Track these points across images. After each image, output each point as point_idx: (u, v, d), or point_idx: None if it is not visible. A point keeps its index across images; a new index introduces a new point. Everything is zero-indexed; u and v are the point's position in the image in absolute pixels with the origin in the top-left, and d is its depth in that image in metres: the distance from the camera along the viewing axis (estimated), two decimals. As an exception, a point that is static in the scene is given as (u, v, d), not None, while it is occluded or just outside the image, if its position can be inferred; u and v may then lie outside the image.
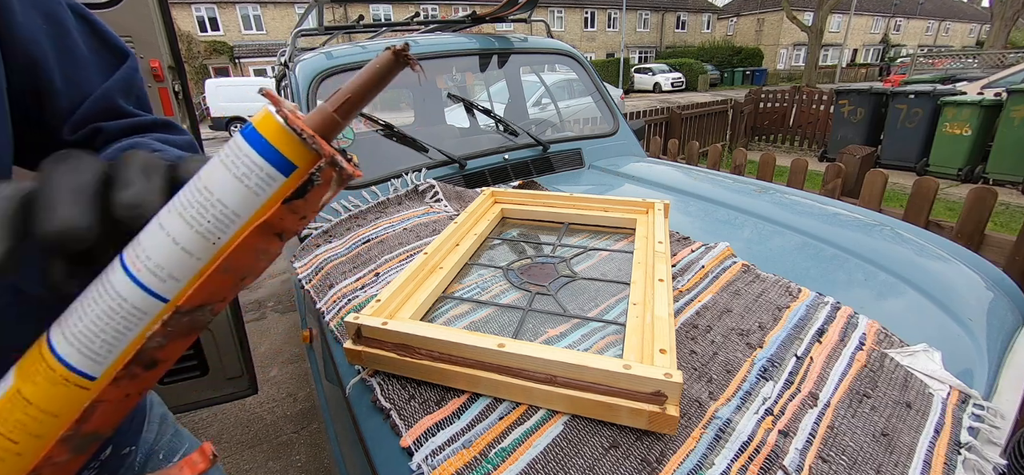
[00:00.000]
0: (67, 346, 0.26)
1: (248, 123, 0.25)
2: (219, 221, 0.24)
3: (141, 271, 0.25)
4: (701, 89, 23.24)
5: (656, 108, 6.08)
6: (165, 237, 0.24)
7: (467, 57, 1.58)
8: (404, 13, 10.18)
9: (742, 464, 0.46)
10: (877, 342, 0.62)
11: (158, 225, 0.25)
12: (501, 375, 0.53)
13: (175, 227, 0.24)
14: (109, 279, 0.26)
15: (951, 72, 10.39)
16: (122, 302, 0.25)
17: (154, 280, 0.25)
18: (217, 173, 0.24)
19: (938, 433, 0.50)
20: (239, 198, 0.24)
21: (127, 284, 0.25)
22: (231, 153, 0.24)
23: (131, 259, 0.25)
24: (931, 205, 2.13)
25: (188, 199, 0.24)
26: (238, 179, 0.24)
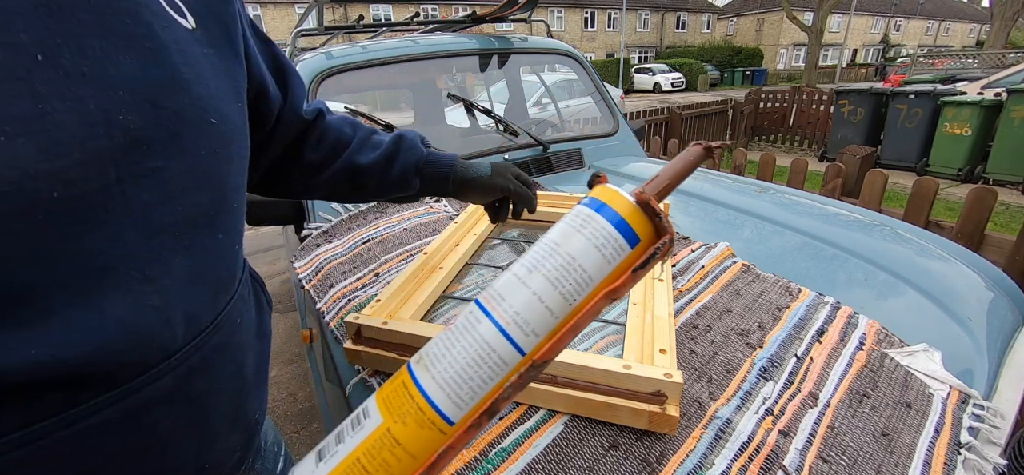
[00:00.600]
0: (437, 389, 0.27)
1: (594, 198, 0.28)
2: (578, 284, 0.26)
3: (510, 325, 0.27)
4: (701, 89, 23.24)
5: (656, 108, 6.08)
6: (532, 295, 0.27)
7: (467, 57, 1.58)
8: (404, 13, 10.17)
9: (742, 464, 0.46)
10: (877, 342, 0.62)
11: (522, 283, 0.27)
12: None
13: (541, 286, 0.27)
14: (477, 330, 0.27)
15: (951, 72, 10.39)
16: (490, 352, 0.27)
17: (520, 334, 0.27)
18: (577, 241, 0.27)
19: (938, 433, 0.50)
20: (595, 265, 0.27)
21: (496, 336, 0.27)
22: (588, 225, 0.27)
23: (499, 313, 0.27)
24: (931, 205, 2.13)
25: (553, 263, 0.27)
26: (597, 248, 0.27)
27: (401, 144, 0.62)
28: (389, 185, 0.62)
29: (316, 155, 0.59)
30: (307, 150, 0.59)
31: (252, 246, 3.90)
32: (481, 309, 0.28)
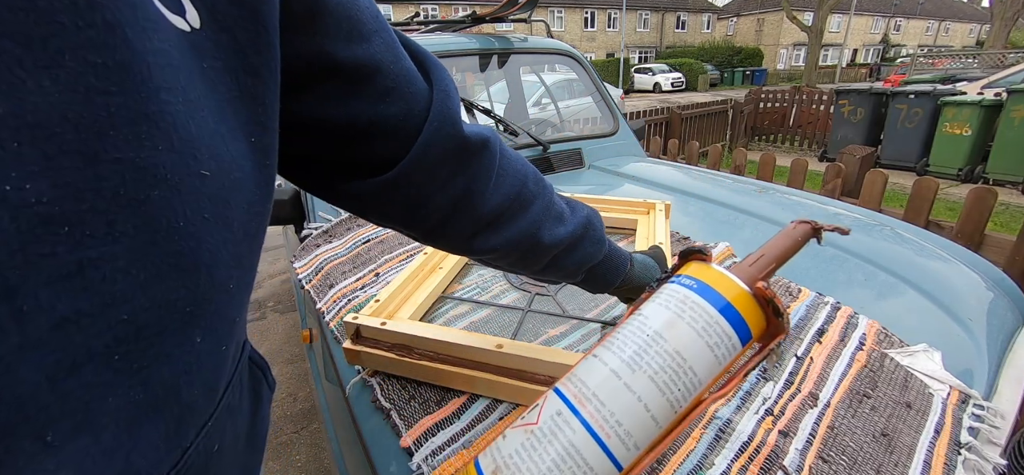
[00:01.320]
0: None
1: (711, 288, 0.24)
2: (687, 389, 0.23)
3: (611, 438, 0.22)
4: (701, 89, 23.24)
5: (656, 108, 6.08)
6: (637, 403, 0.22)
7: (467, 57, 1.58)
8: (404, 13, 10.18)
9: (742, 464, 0.46)
10: (877, 342, 0.62)
11: (623, 384, 0.23)
12: (499, 376, 0.53)
13: (647, 392, 0.22)
14: (565, 434, 0.23)
15: (951, 72, 10.39)
16: (581, 465, 0.22)
17: (620, 447, 0.22)
18: (685, 334, 0.23)
19: (938, 433, 0.50)
20: (707, 367, 0.23)
21: (590, 445, 0.22)
22: (701, 320, 0.23)
23: (595, 419, 0.23)
24: (931, 205, 2.13)
25: (658, 361, 0.23)
26: (710, 348, 0.23)
27: (588, 231, 0.49)
28: (557, 269, 0.49)
29: (494, 203, 0.41)
30: (481, 191, 0.40)
31: (252, 246, 3.90)
32: (570, 408, 0.23)
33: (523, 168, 0.44)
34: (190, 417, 0.25)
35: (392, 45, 0.34)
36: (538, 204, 0.45)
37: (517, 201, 0.43)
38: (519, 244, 0.44)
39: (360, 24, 0.31)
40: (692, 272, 0.26)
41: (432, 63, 0.37)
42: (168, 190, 0.20)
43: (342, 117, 0.32)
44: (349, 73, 0.31)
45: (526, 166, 0.45)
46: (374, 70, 0.32)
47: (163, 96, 0.20)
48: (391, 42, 0.34)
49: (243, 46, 0.24)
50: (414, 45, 0.37)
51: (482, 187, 0.40)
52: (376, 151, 0.35)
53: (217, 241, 0.23)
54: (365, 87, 0.32)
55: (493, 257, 0.45)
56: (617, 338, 0.25)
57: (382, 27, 0.33)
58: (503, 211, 0.42)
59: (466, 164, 0.39)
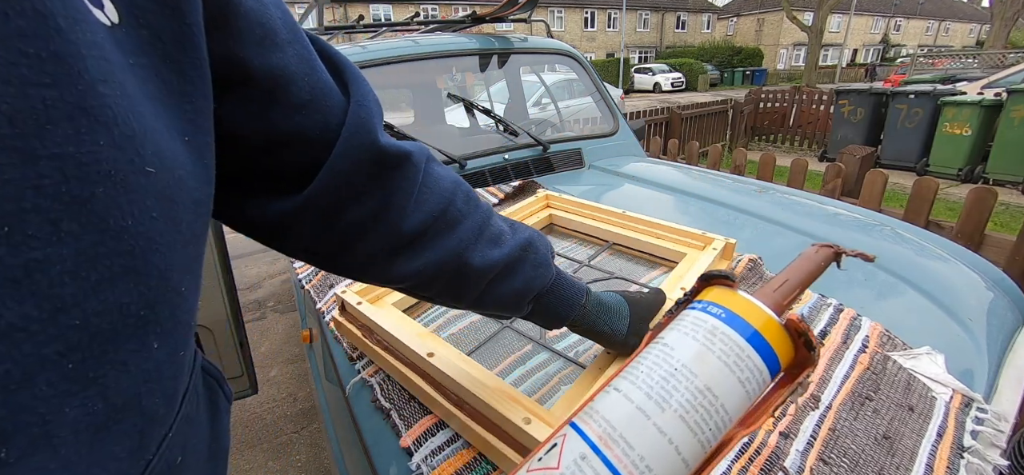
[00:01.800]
0: None
1: (739, 318, 0.22)
2: (718, 427, 0.21)
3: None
4: (701, 89, 23.24)
5: (656, 108, 6.07)
6: (668, 445, 0.20)
7: (467, 57, 1.58)
8: (404, 13, 10.17)
9: (742, 465, 0.46)
10: (880, 345, 0.62)
11: (651, 422, 0.21)
12: (425, 382, 0.54)
13: (678, 434, 0.20)
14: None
15: (951, 72, 10.39)
16: None
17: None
18: (719, 373, 0.21)
19: (940, 437, 0.50)
20: (737, 403, 0.21)
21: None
22: (732, 353, 0.21)
23: (627, 469, 0.20)
24: (931, 205, 2.13)
25: (690, 400, 0.21)
26: (741, 383, 0.21)
27: (528, 254, 0.45)
28: (496, 299, 0.45)
29: (413, 222, 0.39)
30: (399, 206, 0.38)
31: (252, 246, 3.91)
32: (594, 451, 0.21)
33: (452, 186, 0.41)
34: (152, 429, 0.24)
35: (307, 57, 0.33)
36: (467, 224, 0.42)
37: (442, 219, 0.40)
38: (444, 266, 0.40)
39: (273, 32, 0.30)
40: (717, 299, 0.24)
41: (351, 74, 0.36)
42: (113, 187, 0.20)
43: (255, 128, 0.31)
44: (262, 81, 0.30)
45: (458, 184, 0.42)
46: (288, 81, 0.31)
47: (101, 89, 0.19)
48: (306, 54, 0.33)
49: (165, 43, 0.23)
50: (334, 55, 0.36)
51: (401, 202, 0.38)
52: (289, 166, 0.34)
53: (167, 241, 0.23)
54: (279, 97, 0.31)
55: (416, 283, 0.41)
56: (640, 370, 0.23)
57: (297, 38, 0.32)
58: (426, 229, 0.39)
59: (384, 177, 0.37)
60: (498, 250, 0.43)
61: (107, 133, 0.19)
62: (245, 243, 3.96)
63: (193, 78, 0.25)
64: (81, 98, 0.18)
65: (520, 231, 0.47)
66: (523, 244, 0.45)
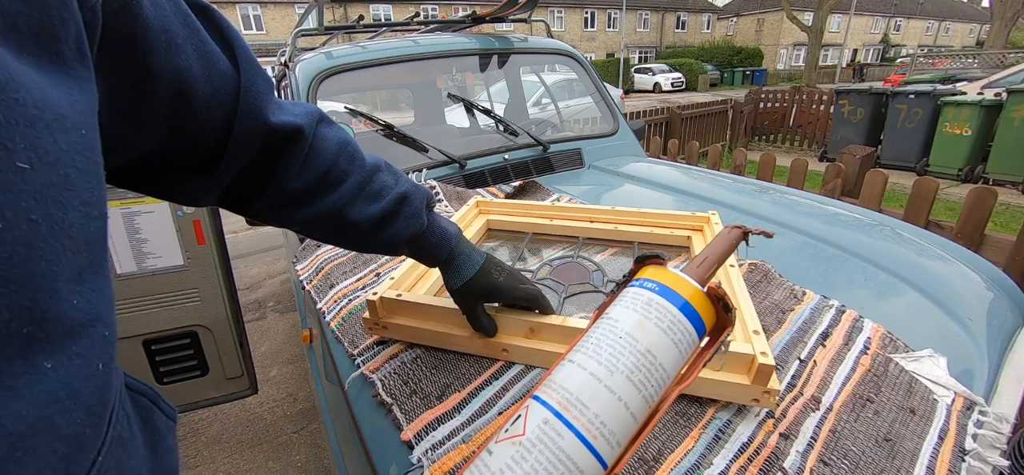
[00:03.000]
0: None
1: (671, 290, 0.26)
2: (659, 384, 0.25)
3: (596, 438, 0.23)
4: (701, 89, 23.24)
5: (656, 108, 6.07)
6: (618, 402, 0.23)
7: (467, 57, 1.58)
8: (404, 13, 10.16)
9: (741, 465, 0.46)
10: (882, 347, 0.62)
11: (603, 386, 0.24)
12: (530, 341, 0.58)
13: (626, 392, 0.24)
14: (558, 445, 0.23)
15: (951, 72, 10.39)
16: (573, 470, 0.23)
17: (606, 447, 0.23)
18: (657, 338, 0.24)
19: (942, 439, 0.50)
20: (673, 361, 0.25)
21: (581, 451, 0.23)
22: (666, 320, 0.25)
23: (582, 424, 0.23)
24: (931, 205, 2.13)
25: (634, 363, 0.24)
26: (675, 344, 0.25)
27: (402, 208, 0.52)
28: (375, 245, 0.53)
29: (297, 184, 0.45)
30: (285, 175, 0.44)
31: (252, 246, 3.91)
32: (556, 415, 0.24)
33: (336, 148, 0.47)
34: (78, 454, 0.22)
35: (204, 49, 0.35)
36: (348, 184, 0.48)
37: (324, 181, 0.47)
38: (325, 220, 0.48)
39: (173, 34, 0.31)
40: (652, 275, 0.27)
41: (239, 47, 0.38)
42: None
43: (168, 129, 0.34)
44: (169, 85, 0.32)
45: (343, 146, 0.48)
46: (193, 80, 0.33)
47: None
48: (203, 46, 0.35)
49: (36, 34, 0.22)
50: (224, 26, 0.38)
51: (287, 172, 0.44)
52: (200, 155, 0.38)
53: (52, 248, 0.20)
54: (187, 98, 0.33)
55: (302, 229, 0.50)
56: (590, 342, 0.25)
57: (192, 31, 0.34)
58: (308, 191, 0.46)
59: (274, 152, 0.43)
60: (375, 205, 0.50)
61: None
62: (245, 243, 3.96)
63: (72, 71, 0.23)
64: None
65: (401, 184, 0.53)
66: (397, 199, 0.51)
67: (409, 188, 0.53)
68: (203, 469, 1.81)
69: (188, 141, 0.36)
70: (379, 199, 0.50)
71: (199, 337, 1.54)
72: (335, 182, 0.48)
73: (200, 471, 1.80)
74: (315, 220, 0.48)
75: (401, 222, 0.52)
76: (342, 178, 0.48)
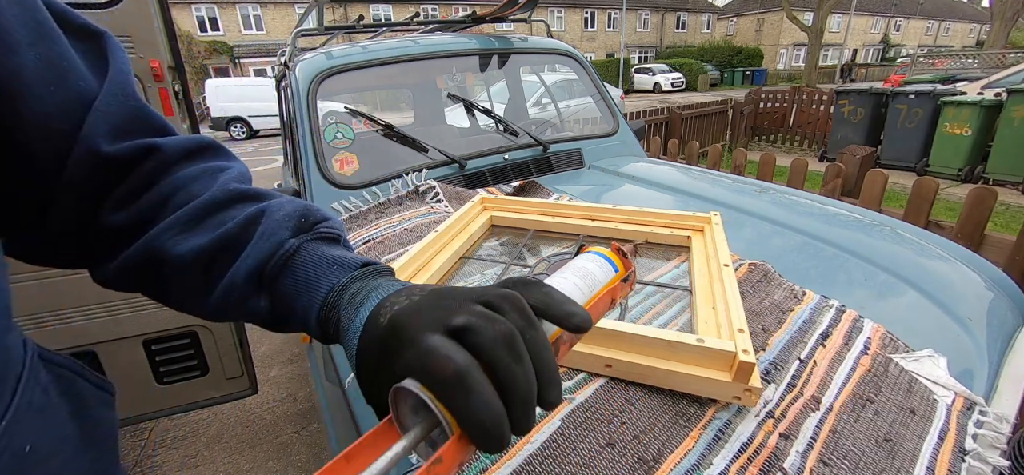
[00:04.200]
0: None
1: (596, 251, 0.42)
2: (591, 287, 0.39)
3: (574, 293, 0.38)
4: (701, 89, 23.24)
5: (656, 108, 6.08)
6: (573, 286, 0.38)
7: (467, 57, 1.58)
8: (404, 13, 10.17)
9: (741, 465, 0.46)
10: (882, 347, 0.62)
11: (568, 280, 0.38)
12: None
13: (577, 282, 0.38)
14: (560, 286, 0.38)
15: (951, 72, 10.39)
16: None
17: (579, 296, 0.39)
18: (591, 265, 0.40)
19: (942, 440, 0.50)
20: (599, 277, 0.40)
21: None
22: (594, 260, 0.41)
23: (565, 288, 0.38)
24: (931, 205, 2.12)
25: (581, 274, 0.39)
26: (599, 269, 0.40)
27: (253, 227, 0.35)
28: (216, 302, 0.36)
29: (117, 218, 0.35)
30: (108, 204, 0.34)
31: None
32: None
33: (197, 174, 0.37)
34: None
35: (52, 62, 0.30)
36: (188, 210, 0.35)
37: (161, 207, 0.35)
38: (141, 257, 0.35)
39: (7, 36, 0.28)
40: (587, 249, 0.44)
41: (110, 52, 0.34)
42: None
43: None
44: (11, 91, 0.28)
45: (208, 171, 0.37)
46: (26, 88, 0.29)
47: None
48: (52, 58, 0.30)
49: None
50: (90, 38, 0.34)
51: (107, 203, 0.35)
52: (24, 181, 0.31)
53: None
54: (14, 109, 0.29)
55: (118, 282, 0.37)
56: (568, 269, 0.40)
57: (43, 39, 0.30)
58: (135, 220, 0.35)
59: (108, 181, 0.34)
60: (210, 234, 0.35)
61: None
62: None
63: None
64: None
65: (257, 208, 0.37)
66: (252, 214, 0.36)
67: (276, 202, 0.37)
68: (203, 469, 1.81)
69: (19, 172, 0.30)
70: (221, 224, 0.35)
71: (199, 337, 1.54)
72: (172, 207, 0.35)
73: (200, 471, 1.80)
74: (128, 265, 0.35)
75: (249, 248, 0.35)
76: (183, 201, 0.35)
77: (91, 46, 0.34)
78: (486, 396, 0.24)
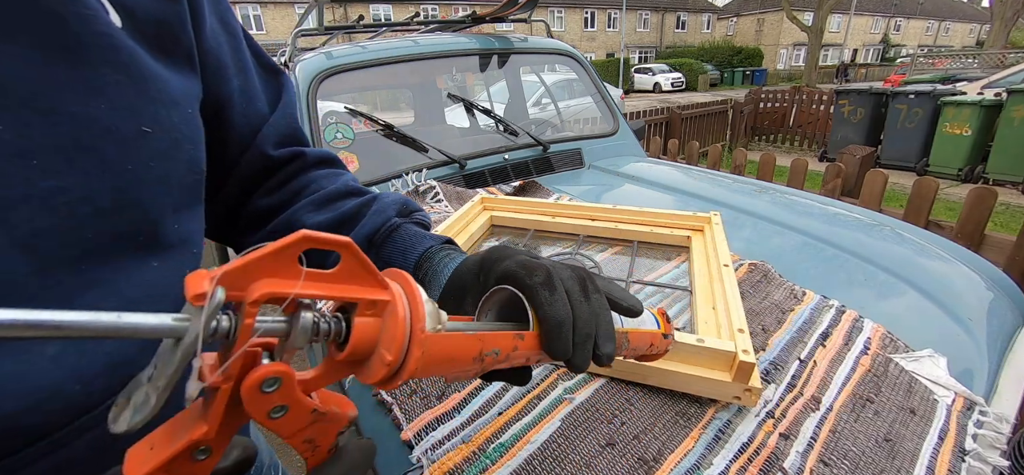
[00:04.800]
0: None
1: (647, 310, 0.40)
2: (634, 324, 0.37)
3: None
4: (701, 89, 23.24)
5: (656, 108, 6.08)
6: (617, 318, 0.35)
7: (467, 57, 1.57)
8: (404, 13, 10.16)
9: (741, 465, 0.46)
10: (882, 347, 0.62)
11: (617, 316, 0.35)
12: None
13: (619, 318, 0.35)
14: None
15: (951, 72, 10.39)
16: None
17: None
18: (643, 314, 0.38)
19: (942, 440, 0.50)
20: (647, 322, 0.39)
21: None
22: (644, 314, 0.39)
23: None
24: (931, 205, 2.13)
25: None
26: (647, 317, 0.40)
27: (366, 208, 0.46)
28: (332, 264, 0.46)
29: (267, 201, 0.47)
30: (259, 192, 0.47)
31: (252, 246, 3.90)
32: None
33: (324, 176, 0.49)
34: None
35: (248, 90, 0.43)
36: (313, 196, 0.47)
37: (297, 193, 0.47)
38: (282, 230, 0.45)
39: (225, 68, 0.40)
40: None
41: (285, 85, 0.47)
42: (116, 141, 0.27)
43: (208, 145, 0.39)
44: (210, 104, 0.39)
45: (331, 174, 0.49)
46: (230, 107, 0.41)
47: (103, 70, 0.26)
48: (248, 88, 0.43)
49: (161, 43, 0.31)
50: (272, 74, 0.47)
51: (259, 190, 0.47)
52: (213, 174, 0.42)
53: (163, 186, 0.30)
54: (222, 118, 0.41)
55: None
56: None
57: (243, 71, 0.42)
58: (279, 202, 0.47)
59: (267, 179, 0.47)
60: (331, 213, 0.46)
61: (108, 101, 0.26)
62: (245, 243, 3.95)
63: (186, 69, 0.34)
64: (88, 75, 0.25)
65: (369, 196, 0.48)
66: (365, 201, 0.47)
67: (385, 193, 0.48)
68: (203, 469, 1.80)
69: (214, 162, 0.40)
70: (340, 208, 0.46)
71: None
72: (306, 193, 0.47)
73: (200, 471, 1.80)
74: (271, 236, 0.43)
75: (364, 224, 0.45)
76: (315, 190, 0.47)
77: (270, 79, 0.47)
78: (564, 299, 0.29)
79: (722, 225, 0.84)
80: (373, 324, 0.21)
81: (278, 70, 0.48)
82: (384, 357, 0.21)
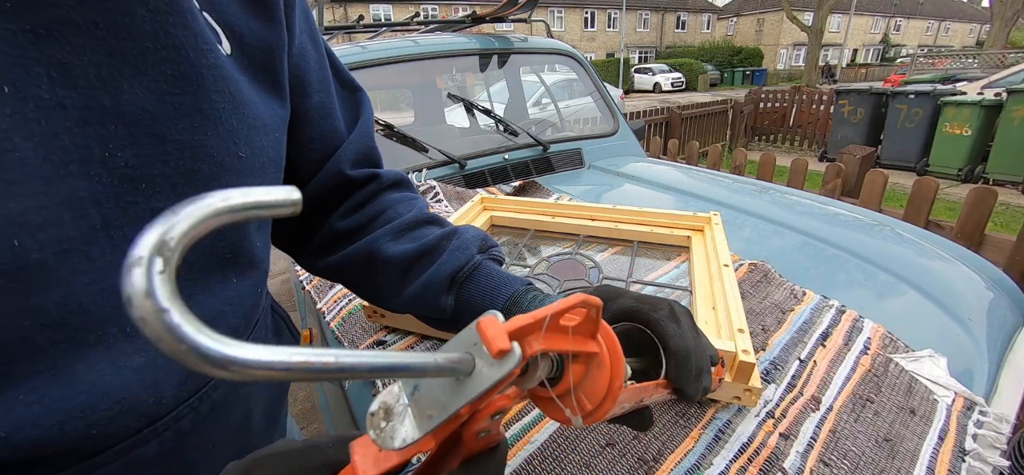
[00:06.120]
0: None
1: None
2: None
3: None
4: (701, 89, 23.23)
5: (656, 108, 6.08)
6: None
7: (467, 57, 1.57)
8: (404, 13, 10.16)
9: (741, 465, 0.46)
10: (882, 347, 0.62)
11: None
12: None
13: None
14: None
15: (951, 72, 10.39)
16: None
17: None
18: None
19: (942, 440, 0.50)
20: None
21: None
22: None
23: None
24: (931, 205, 2.13)
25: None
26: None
27: (447, 242, 0.45)
28: (410, 294, 0.44)
29: (344, 224, 0.47)
30: (336, 214, 0.47)
31: (252, 246, 3.90)
32: None
33: (400, 199, 0.49)
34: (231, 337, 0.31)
35: (327, 105, 0.44)
36: (394, 223, 0.47)
37: (376, 219, 0.48)
38: (361, 254, 0.46)
39: (306, 84, 0.41)
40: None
41: (363, 104, 0.48)
42: (214, 165, 0.29)
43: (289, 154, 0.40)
44: (299, 118, 0.41)
45: (409, 198, 0.50)
46: (307, 121, 0.42)
47: (213, 98, 0.28)
48: (326, 104, 0.44)
49: (261, 72, 0.33)
50: (353, 84, 0.48)
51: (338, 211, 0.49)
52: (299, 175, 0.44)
53: None
54: (296, 133, 0.41)
55: (332, 272, 0.49)
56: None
57: (323, 86, 0.43)
58: (357, 227, 0.48)
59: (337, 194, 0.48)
60: (413, 243, 0.45)
61: (213, 128, 0.28)
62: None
63: (278, 93, 0.36)
64: (198, 103, 0.27)
65: (449, 229, 0.47)
66: (445, 234, 0.46)
67: (464, 228, 0.48)
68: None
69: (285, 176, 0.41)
70: (421, 237, 0.45)
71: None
72: (384, 220, 0.47)
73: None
74: (351, 259, 0.46)
75: (444, 259, 0.44)
76: (392, 216, 0.47)
77: (349, 96, 0.48)
78: (688, 331, 0.31)
79: (722, 225, 0.84)
80: (579, 371, 0.23)
81: (357, 87, 0.49)
82: (583, 404, 0.23)
